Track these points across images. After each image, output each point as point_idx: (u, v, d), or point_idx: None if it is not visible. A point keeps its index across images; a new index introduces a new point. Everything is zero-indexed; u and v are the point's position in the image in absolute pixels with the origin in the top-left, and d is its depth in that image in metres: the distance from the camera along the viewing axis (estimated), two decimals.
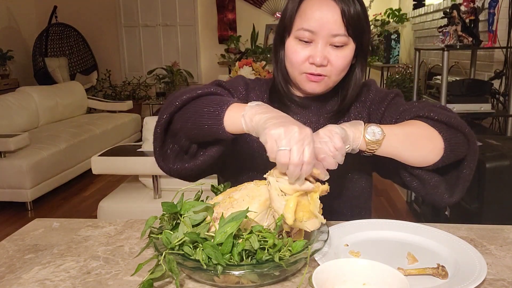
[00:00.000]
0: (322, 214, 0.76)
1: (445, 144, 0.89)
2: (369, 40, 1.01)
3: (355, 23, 0.92)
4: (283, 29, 0.98)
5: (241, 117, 0.80)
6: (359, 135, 0.85)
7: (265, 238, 0.71)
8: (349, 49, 0.95)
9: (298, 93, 1.05)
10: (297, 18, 0.95)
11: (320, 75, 0.94)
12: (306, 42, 0.93)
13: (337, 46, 0.93)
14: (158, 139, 0.91)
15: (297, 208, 0.73)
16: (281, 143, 0.71)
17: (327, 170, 0.79)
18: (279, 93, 1.04)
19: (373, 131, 0.85)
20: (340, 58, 0.94)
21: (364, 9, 0.95)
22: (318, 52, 0.92)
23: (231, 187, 0.86)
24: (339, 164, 1.04)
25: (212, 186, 0.90)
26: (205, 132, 0.85)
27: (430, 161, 0.90)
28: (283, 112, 0.79)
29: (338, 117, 1.05)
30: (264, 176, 0.78)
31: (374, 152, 0.87)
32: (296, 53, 0.95)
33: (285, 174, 0.74)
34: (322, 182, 0.78)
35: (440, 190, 0.94)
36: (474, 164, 0.93)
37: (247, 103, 1.03)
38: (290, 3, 0.97)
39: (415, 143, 0.89)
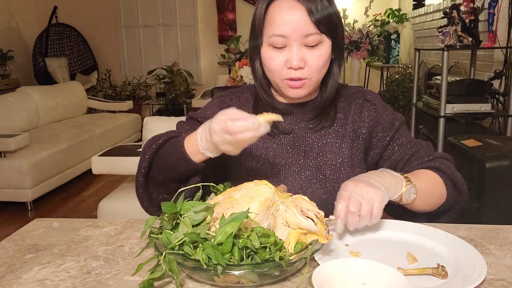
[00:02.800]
0: None
1: (445, 201, 0.99)
2: (343, 34, 1.01)
3: (325, 19, 0.92)
4: (255, 38, 0.98)
5: (198, 146, 0.88)
6: (396, 193, 0.89)
7: (266, 234, 0.70)
8: (325, 47, 0.94)
9: (282, 99, 1.06)
10: (266, 25, 0.95)
11: (300, 79, 0.94)
12: (280, 48, 0.93)
13: (312, 46, 0.93)
14: (143, 196, 1.01)
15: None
16: (224, 138, 0.80)
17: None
18: (261, 102, 1.05)
19: (410, 192, 0.90)
20: (317, 58, 0.93)
21: (332, 4, 0.94)
22: (294, 55, 0.92)
23: (231, 187, 0.86)
24: (336, 173, 1.05)
25: (212, 186, 0.90)
26: (180, 171, 0.93)
27: (427, 211, 1.00)
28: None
29: (322, 120, 1.04)
30: (280, 201, 0.79)
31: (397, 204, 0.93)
32: (273, 60, 0.94)
33: (295, 206, 0.75)
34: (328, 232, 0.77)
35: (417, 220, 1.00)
36: (454, 216, 1.02)
37: None
38: (257, 12, 0.97)
39: (429, 201, 0.97)
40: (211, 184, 0.91)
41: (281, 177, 1.03)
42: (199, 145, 0.87)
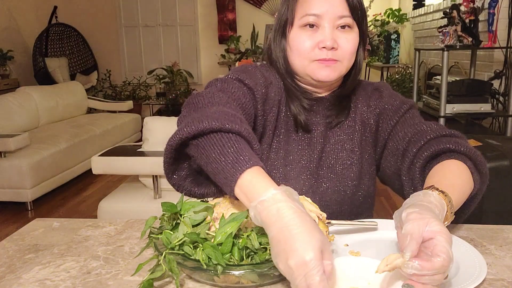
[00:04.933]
0: None
1: (473, 189, 0.85)
2: (367, 26, 1.00)
3: (357, 6, 0.93)
4: (284, 23, 0.96)
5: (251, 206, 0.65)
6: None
7: (266, 234, 0.70)
8: (355, 33, 0.94)
9: (305, 86, 1.01)
10: (298, 8, 0.94)
11: (332, 60, 0.92)
12: (311, 28, 0.92)
13: (343, 29, 0.92)
14: (169, 156, 0.77)
15: None
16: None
17: None
18: (293, 92, 1.00)
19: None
20: (349, 41, 0.93)
21: None
22: (327, 35, 0.91)
23: None
24: (346, 171, 1.01)
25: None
26: (217, 181, 0.72)
27: None
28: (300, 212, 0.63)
29: (338, 114, 1.01)
30: None
31: None
32: (303, 42, 0.93)
33: None
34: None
35: None
36: (476, 203, 0.90)
37: (265, 102, 0.96)
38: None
39: (461, 201, 0.82)
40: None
41: (293, 175, 1.00)
42: (251, 208, 0.65)
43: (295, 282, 0.58)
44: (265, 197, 0.63)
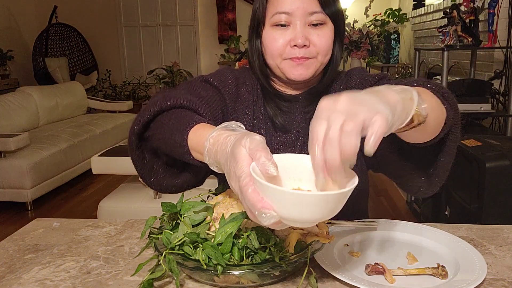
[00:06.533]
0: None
1: (446, 117, 0.74)
2: (344, 21, 0.98)
3: (329, 1, 0.91)
4: (257, 23, 0.95)
5: (204, 156, 0.66)
6: (409, 112, 0.59)
7: (266, 233, 0.70)
8: (329, 29, 0.93)
9: (281, 88, 1.01)
10: (269, 7, 0.93)
11: (304, 58, 0.91)
12: (283, 26, 0.91)
13: (316, 26, 0.91)
14: (135, 155, 0.85)
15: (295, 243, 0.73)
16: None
17: None
18: (267, 92, 1.00)
19: (422, 107, 0.61)
20: (321, 37, 0.91)
21: None
22: (298, 33, 0.89)
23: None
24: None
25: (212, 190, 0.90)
26: (174, 154, 0.76)
27: (428, 136, 0.74)
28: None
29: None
30: None
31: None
32: (275, 41, 0.92)
33: None
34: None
35: (415, 181, 0.87)
36: (454, 151, 0.82)
37: (236, 100, 0.99)
38: None
39: (436, 117, 0.71)
40: (209, 189, 0.90)
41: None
42: (205, 156, 0.66)
43: (241, 198, 0.57)
44: (207, 144, 0.65)
